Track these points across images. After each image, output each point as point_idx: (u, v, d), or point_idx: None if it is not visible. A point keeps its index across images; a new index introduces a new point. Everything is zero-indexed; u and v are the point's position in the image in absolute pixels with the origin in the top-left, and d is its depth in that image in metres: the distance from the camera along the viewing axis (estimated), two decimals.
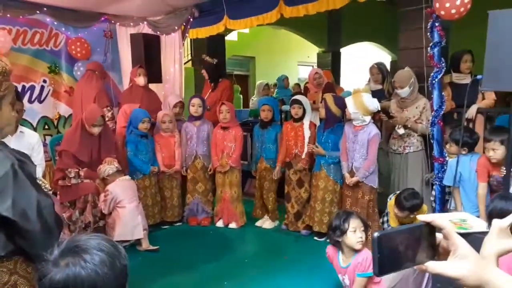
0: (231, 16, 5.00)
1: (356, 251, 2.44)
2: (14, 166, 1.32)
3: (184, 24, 5.47)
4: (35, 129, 4.94)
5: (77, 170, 3.89)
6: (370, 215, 3.65)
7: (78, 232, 3.81)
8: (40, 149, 3.60)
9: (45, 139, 4.97)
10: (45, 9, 4.96)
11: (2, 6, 4.59)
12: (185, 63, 6.51)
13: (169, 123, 4.43)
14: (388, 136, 4.25)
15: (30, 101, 4.99)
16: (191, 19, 5.39)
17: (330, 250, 2.68)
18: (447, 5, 3.17)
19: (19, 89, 4.75)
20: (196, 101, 4.54)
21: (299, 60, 12.47)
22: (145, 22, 5.61)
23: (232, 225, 4.45)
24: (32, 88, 5.03)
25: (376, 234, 0.72)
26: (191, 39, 6.51)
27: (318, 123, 4.67)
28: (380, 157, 3.91)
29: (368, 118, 3.65)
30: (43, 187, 3.47)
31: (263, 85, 7.01)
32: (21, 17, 4.87)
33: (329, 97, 4.00)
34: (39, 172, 3.60)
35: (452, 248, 0.74)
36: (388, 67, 6.23)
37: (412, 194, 3.16)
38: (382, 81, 4.87)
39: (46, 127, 5.18)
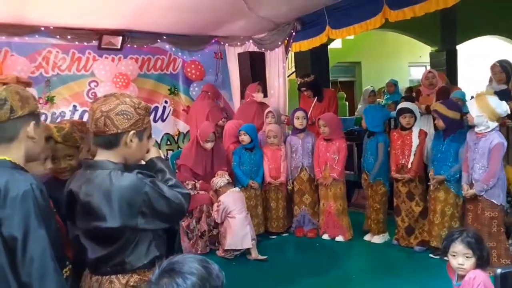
0: (334, 26, 4.98)
1: None
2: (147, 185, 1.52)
3: (287, 38, 5.62)
4: (159, 145, 5.58)
5: (193, 182, 4.28)
6: (494, 235, 3.27)
7: (196, 240, 4.17)
8: None
9: (167, 154, 5.56)
10: (164, 37, 5.58)
11: (130, 38, 5.30)
12: (288, 76, 6.66)
13: (273, 138, 4.60)
14: None
15: (154, 120, 5.63)
16: (294, 33, 5.51)
17: (449, 265, 2.51)
18: None
19: None
20: (300, 114, 4.63)
21: (410, 61, 11.75)
22: (251, 41, 5.91)
23: (339, 238, 4.40)
24: (156, 109, 5.68)
25: (499, 271, 0.67)
26: (294, 52, 6.63)
27: (431, 130, 4.38)
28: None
29: (493, 124, 3.29)
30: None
31: (369, 91, 6.77)
32: (145, 46, 5.55)
33: (438, 106, 3.73)
34: None
35: None
36: None
37: None
38: (507, 80, 4.36)
39: (168, 142, 5.80)
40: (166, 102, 5.77)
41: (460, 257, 2.15)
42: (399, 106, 4.19)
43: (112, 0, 4.14)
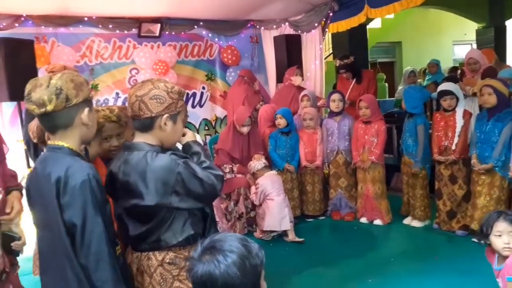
0: (372, 5, 4.85)
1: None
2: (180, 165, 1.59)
3: (324, 19, 5.52)
4: (197, 131, 5.71)
5: (231, 166, 4.37)
6: None
7: (234, 221, 4.28)
8: None
9: (205, 139, 5.68)
10: (201, 23, 5.64)
11: (168, 26, 5.40)
12: (325, 58, 6.56)
13: (309, 120, 4.58)
14: None
15: (193, 106, 5.75)
16: (331, 14, 5.41)
17: (489, 249, 2.44)
18: None
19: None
20: (336, 96, 4.57)
21: (454, 39, 11.23)
22: (287, 23, 5.85)
23: (377, 222, 4.36)
24: (194, 95, 5.79)
25: None
26: (331, 33, 6.50)
27: (475, 111, 4.21)
28: None
29: None
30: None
31: (409, 72, 6.55)
32: (182, 33, 5.64)
33: (492, 81, 3.60)
34: None
35: None
36: None
37: None
38: None
39: (206, 128, 5.91)
40: (203, 88, 5.87)
41: (505, 235, 2.08)
42: (439, 88, 4.04)
43: None
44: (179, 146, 1.84)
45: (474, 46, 9.13)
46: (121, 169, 1.62)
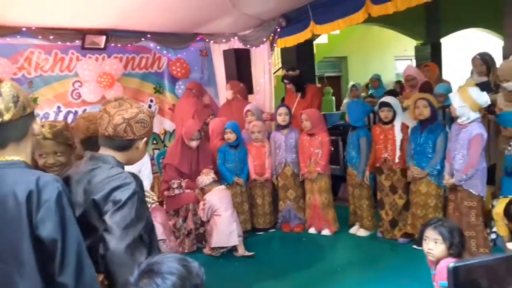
0: (318, 21, 5.02)
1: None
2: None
3: (272, 34, 5.63)
4: (146, 144, 5.55)
5: (179, 181, 4.29)
6: (472, 225, 3.34)
7: (183, 238, 4.19)
8: (148, 164, 4.06)
9: (153, 153, 5.55)
10: (148, 35, 5.55)
11: (113, 37, 5.26)
12: (274, 72, 6.68)
13: (258, 133, 4.62)
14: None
15: None
16: (279, 29, 5.53)
17: None
18: None
19: None
20: (283, 110, 4.65)
21: (395, 55, 11.87)
22: (236, 37, 5.90)
23: (325, 232, 4.45)
24: None
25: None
26: (280, 48, 6.65)
27: (414, 123, 4.45)
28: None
29: (474, 115, 3.35)
30: (150, 199, 3.89)
31: (351, 86, 6.87)
32: (129, 45, 5.51)
33: (428, 95, 3.87)
34: (146, 186, 4.09)
35: None
36: (500, 54, 5.65)
37: None
38: (487, 72, 4.48)
39: (155, 142, 5.77)
40: (151, 101, 5.75)
41: (430, 242, 2.23)
42: (380, 100, 4.25)
43: None
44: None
45: (414, 61, 9.71)
46: (76, 176, 1.60)
